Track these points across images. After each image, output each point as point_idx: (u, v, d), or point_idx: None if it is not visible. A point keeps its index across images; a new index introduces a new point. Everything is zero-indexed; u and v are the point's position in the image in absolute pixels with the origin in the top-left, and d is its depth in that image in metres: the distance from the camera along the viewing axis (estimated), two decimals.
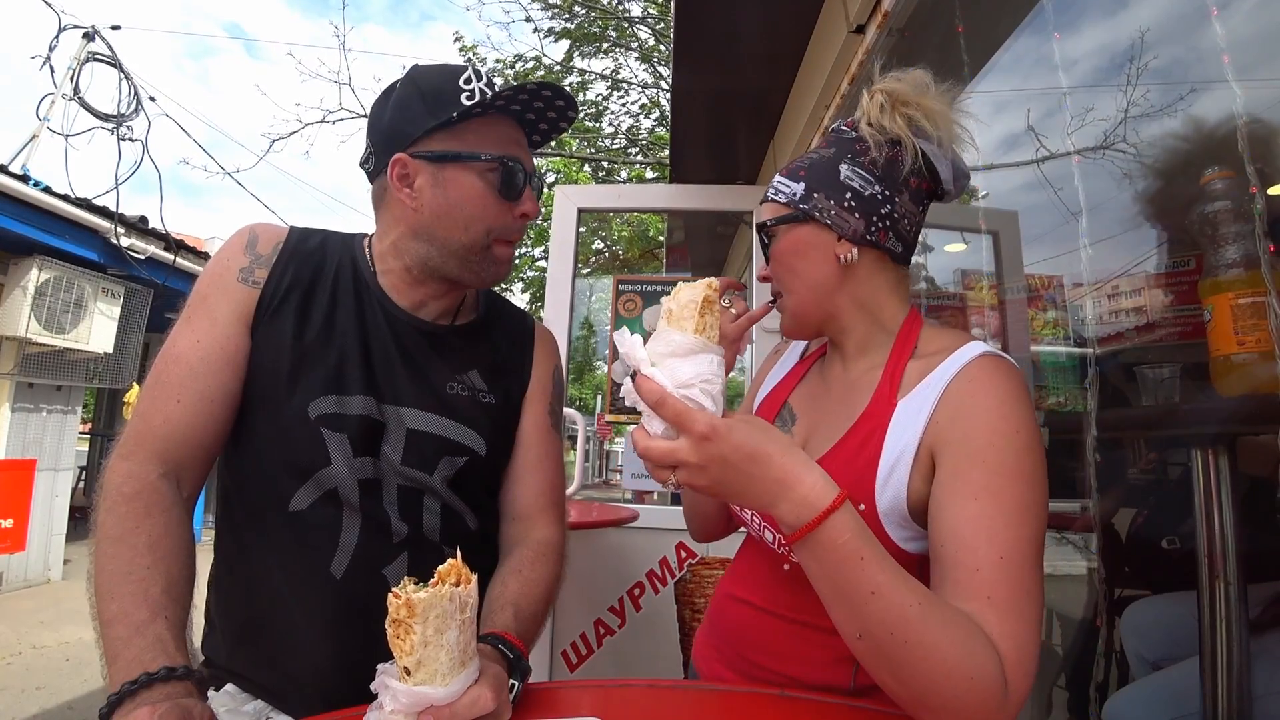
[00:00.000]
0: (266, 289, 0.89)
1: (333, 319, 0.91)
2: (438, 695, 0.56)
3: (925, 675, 0.57)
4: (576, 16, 9.30)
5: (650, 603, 2.29)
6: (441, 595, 0.55)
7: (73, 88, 6.13)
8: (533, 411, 1.03)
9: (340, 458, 0.85)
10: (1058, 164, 1.66)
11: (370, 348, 0.92)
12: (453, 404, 0.94)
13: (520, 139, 0.93)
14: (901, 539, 0.72)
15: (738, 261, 4.30)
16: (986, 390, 0.70)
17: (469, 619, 0.58)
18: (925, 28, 1.66)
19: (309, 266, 0.93)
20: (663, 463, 0.60)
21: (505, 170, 0.90)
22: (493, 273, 0.94)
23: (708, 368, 0.60)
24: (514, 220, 0.93)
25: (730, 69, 2.45)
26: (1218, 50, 0.89)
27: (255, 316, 0.88)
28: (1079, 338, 1.65)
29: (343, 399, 0.87)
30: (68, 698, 3.32)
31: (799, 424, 0.89)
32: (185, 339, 0.86)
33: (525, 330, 1.08)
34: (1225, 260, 0.93)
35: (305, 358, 0.88)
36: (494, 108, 0.89)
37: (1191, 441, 0.97)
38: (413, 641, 0.55)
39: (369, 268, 0.97)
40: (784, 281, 0.86)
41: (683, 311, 0.61)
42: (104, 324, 5.49)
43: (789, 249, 0.84)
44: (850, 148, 0.82)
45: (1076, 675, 1.55)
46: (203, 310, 0.87)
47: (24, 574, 5.35)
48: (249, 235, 0.93)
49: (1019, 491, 0.65)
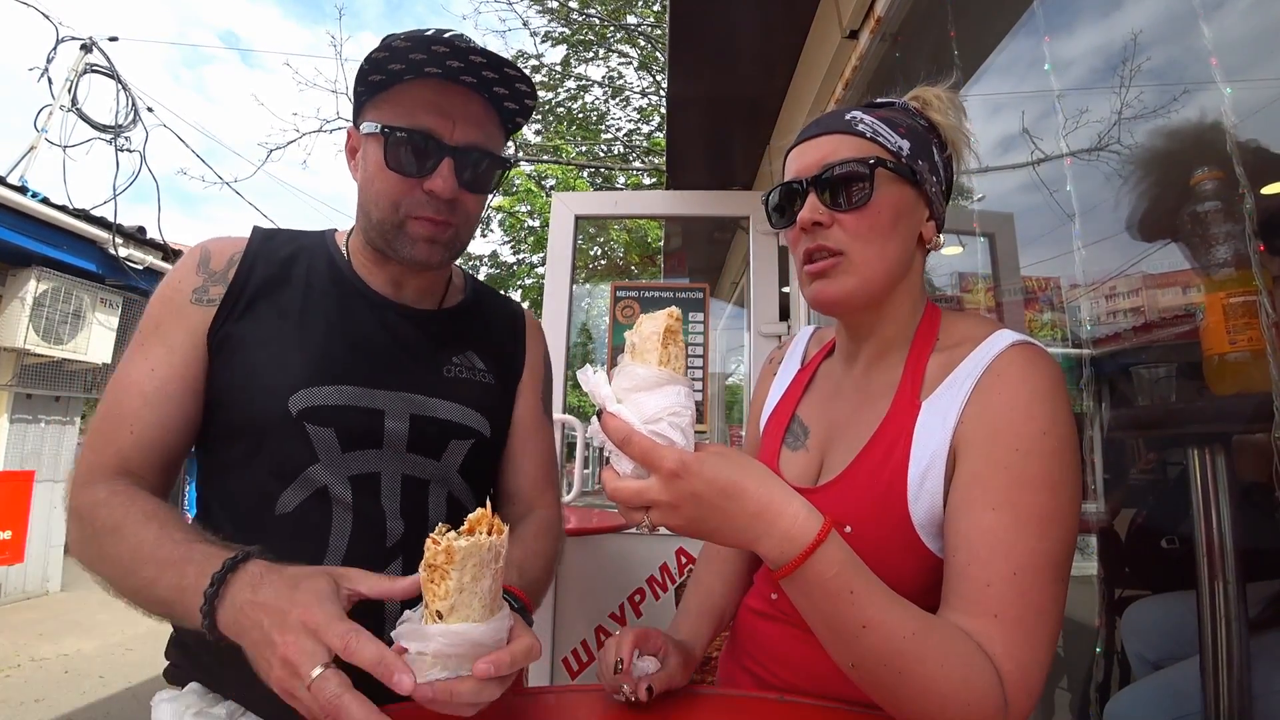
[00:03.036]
0: (227, 299, 0.86)
1: (308, 311, 0.88)
2: (477, 633, 0.56)
3: (920, 703, 0.56)
4: (573, 23, 9.35)
5: (651, 609, 2.28)
6: (481, 545, 0.55)
7: (70, 99, 6.15)
8: (526, 397, 1.02)
9: (326, 453, 0.82)
10: (1052, 166, 1.67)
11: (355, 336, 0.89)
12: (453, 386, 0.92)
13: (450, 106, 0.84)
14: (940, 550, 0.66)
15: (735, 267, 4.31)
16: (1015, 386, 0.65)
17: (500, 569, 0.58)
18: (918, 33, 1.68)
19: (275, 264, 0.90)
20: (633, 504, 0.57)
21: (404, 143, 0.83)
22: (413, 252, 0.86)
23: (675, 400, 0.57)
24: (422, 196, 0.84)
25: (725, 75, 2.46)
26: (1207, 51, 0.89)
27: (214, 329, 0.84)
28: (1076, 339, 1.66)
29: (327, 390, 0.83)
30: (66, 710, 3.30)
31: (812, 437, 0.82)
32: (139, 368, 0.82)
33: (516, 315, 1.07)
34: (1216, 260, 0.94)
35: (282, 353, 0.84)
36: (410, 74, 0.83)
37: (1188, 441, 0.98)
38: (448, 587, 0.55)
39: (344, 257, 0.94)
40: (866, 238, 0.73)
41: (645, 344, 0.58)
42: (102, 334, 5.50)
43: (893, 203, 0.73)
44: (932, 134, 0.78)
45: (1077, 676, 1.54)
46: (156, 337, 0.84)
47: (23, 586, 5.33)
48: (200, 253, 0.89)
49: (1042, 501, 0.60)
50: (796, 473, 0.81)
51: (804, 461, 0.82)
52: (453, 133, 0.84)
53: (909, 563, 0.68)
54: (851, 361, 0.83)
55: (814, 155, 0.76)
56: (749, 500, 0.56)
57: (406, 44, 0.79)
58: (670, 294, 2.63)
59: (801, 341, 0.97)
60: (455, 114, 0.84)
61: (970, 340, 0.71)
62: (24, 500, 5.14)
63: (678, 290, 2.66)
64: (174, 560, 0.66)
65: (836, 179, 0.73)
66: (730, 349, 5.21)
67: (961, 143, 0.80)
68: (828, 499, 0.73)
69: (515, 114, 0.91)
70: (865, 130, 0.74)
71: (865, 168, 0.72)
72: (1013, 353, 0.67)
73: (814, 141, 0.77)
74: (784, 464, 0.84)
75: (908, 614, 0.56)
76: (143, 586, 0.69)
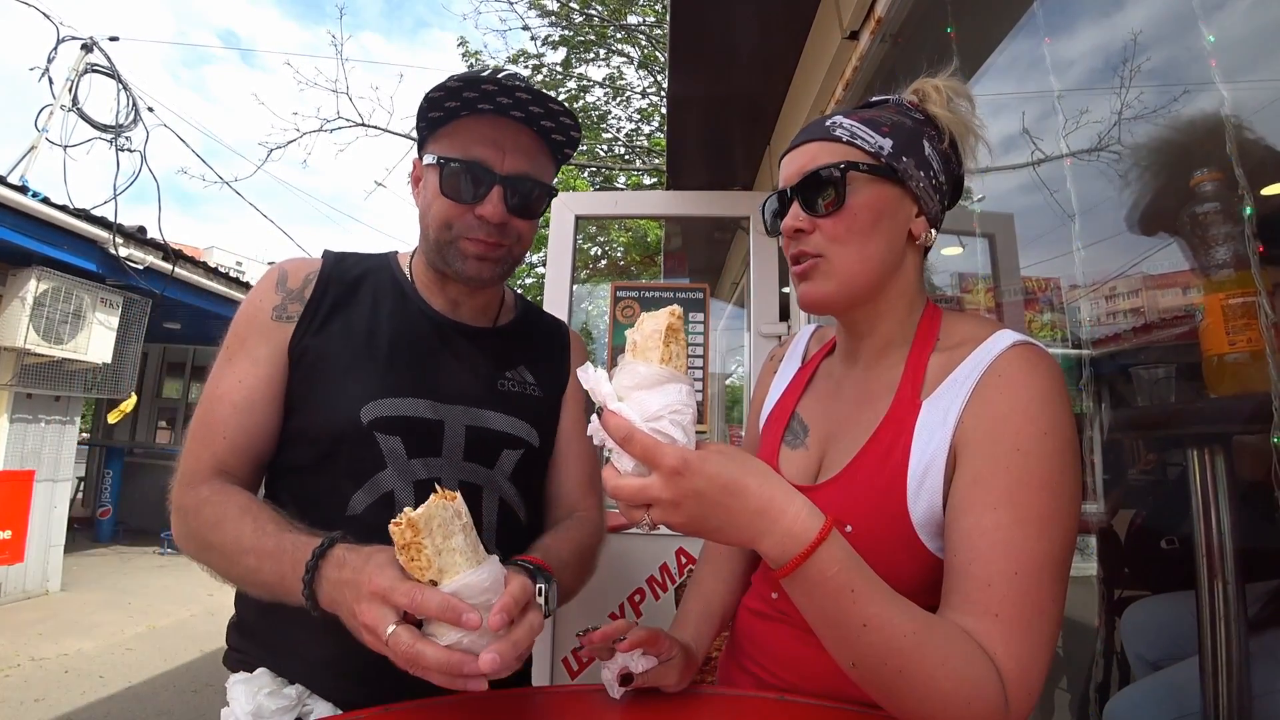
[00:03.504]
0: (305, 315, 0.94)
1: (377, 328, 0.96)
2: (476, 578, 0.60)
3: (920, 702, 0.56)
4: (574, 24, 9.36)
5: (651, 609, 2.29)
6: (435, 504, 0.60)
7: (71, 99, 6.16)
8: (571, 410, 1.09)
9: (394, 460, 0.89)
10: (1052, 166, 1.67)
11: (418, 351, 0.96)
12: (505, 399, 0.99)
13: (502, 139, 0.92)
14: (939, 549, 0.67)
15: (735, 267, 4.31)
16: (1016, 387, 0.65)
17: (467, 524, 0.62)
18: (918, 33, 1.67)
19: (346, 285, 0.98)
20: (634, 501, 0.57)
21: (458, 173, 0.91)
22: (465, 269, 0.94)
23: (677, 398, 0.57)
24: (473, 219, 0.92)
25: (725, 76, 2.47)
26: (1207, 52, 0.89)
27: (295, 343, 0.92)
28: (1076, 339, 1.66)
29: (395, 401, 0.90)
30: (66, 710, 3.30)
31: (812, 436, 0.83)
32: (228, 379, 0.90)
33: (561, 333, 1.14)
34: (1216, 261, 0.94)
35: (354, 367, 0.92)
36: (466, 110, 0.91)
37: (1188, 442, 0.98)
38: (427, 556, 0.59)
39: (407, 278, 1.02)
40: (844, 240, 0.75)
41: (647, 342, 0.58)
42: (102, 334, 5.49)
43: (869, 204, 0.74)
44: (928, 126, 0.78)
45: (1077, 676, 1.55)
46: (242, 352, 0.92)
47: (22, 585, 5.33)
48: (279, 273, 0.98)
49: (1043, 501, 0.61)
50: (796, 471, 0.81)
51: (803, 460, 0.82)
52: (503, 163, 0.91)
53: (907, 562, 0.68)
54: (852, 360, 0.83)
55: (796, 164, 0.78)
56: (751, 498, 0.56)
57: (459, 84, 0.87)
58: (670, 294, 2.63)
59: (802, 340, 0.97)
60: (506, 145, 0.92)
61: (971, 340, 0.71)
62: (24, 500, 5.14)
63: (678, 290, 2.65)
64: (271, 550, 0.75)
65: (811, 185, 0.76)
66: (730, 349, 5.21)
67: (963, 132, 0.79)
68: (827, 497, 0.73)
69: (563, 145, 0.99)
70: (843, 135, 0.76)
71: (837, 172, 0.74)
72: (1014, 353, 0.67)
73: (798, 150, 0.79)
74: (783, 462, 0.84)
75: (909, 613, 0.57)
76: (246, 574, 0.78)
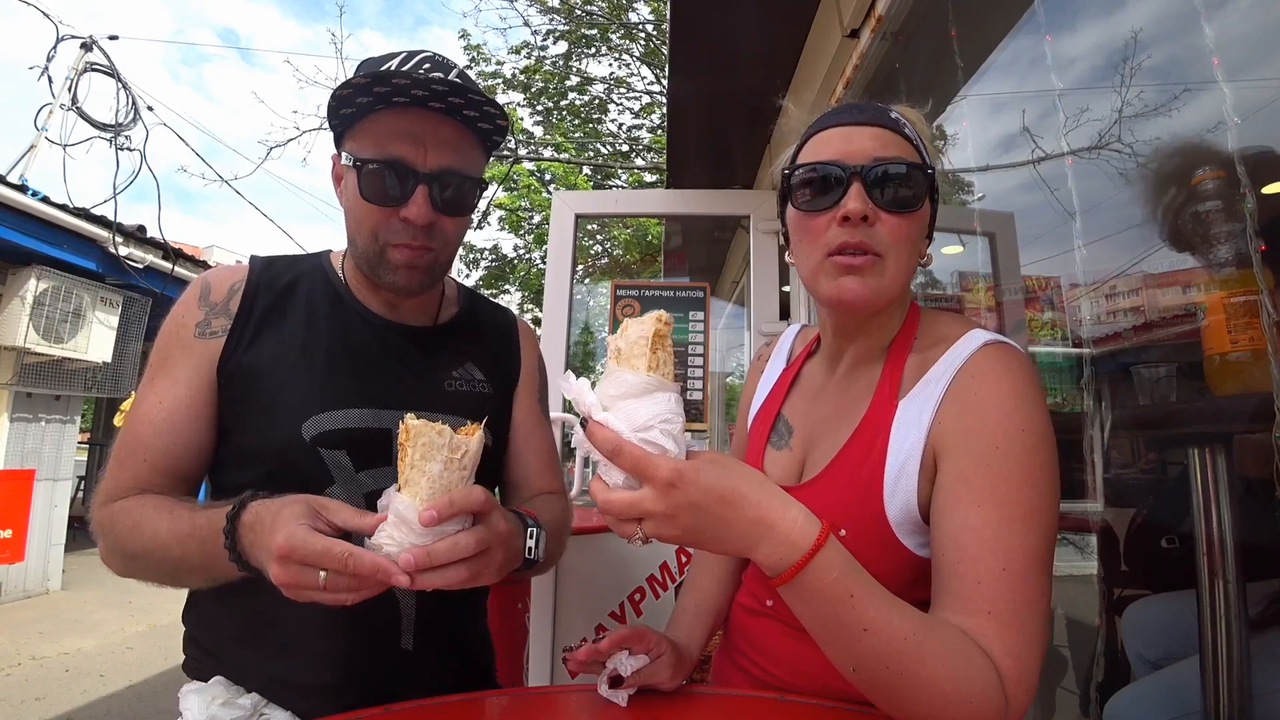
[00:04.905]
0: (234, 331, 0.88)
1: (313, 337, 0.90)
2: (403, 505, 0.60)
3: (922, 703, 0.56)
4: (575, 19, 9.35)
5: (651, 607, 2.28)
6: (430, 426, 0.60)
7: (71, 97, 6.15)
8: (524, 402, 1.06)
9: (340, 475, 0.86)
10: (1053, 165, 1.67)
11: (358, 358, 0.91)
12: (454, 400, 0.95)
13: (422, 133, 0.83)
14: (916, 545, 0.68)
15: (735, 266, 4.31)
16: (990, 385, 0.65)
17: (456, 461, 0.62)
18: (919, 31, 1.67)
19: (276, 292, 0.92)
20: (626, 516, 0.55)
21: (377, 174, 0.83)
22: (394, 279, 0.88)
23: (666, 406, 0.55)
24: (399, 223, 0.85)
25: (726, 74, 2.46)
26: (1209, 51, 0.89)
27: (224, 360, 0.87)
28: (1076, 338, 1.66)
29: (337, 415, 0.87)
30: (67, 708, 3.30)
31: (796, 436, 0.83)
32: (149, 400, 0.86)
33: (509, 324, 1.10)
34: (1218, 259, 0.94)
35: (291, 381, 0.87)
36: (380, 105, 0.83)
37: (1189, 441, 0.98)
38: (405, 463, 0.60)
39: (341, 280, 0.96)
40: (902, 243, 0.72)
41: (632, 349, 0.56)
42: (102, 333, 5.49)
43: (926, 213, 0.74)
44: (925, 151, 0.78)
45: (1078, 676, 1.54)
46: (163, 371, 0.87)
47: (23, 584, 5.33)
48: (202, 286, 0.92)
49: (1025, 497, 0.61)
50: (780, 472, 0.82)
51: (787, 460, 0.83)
52: (425, 159, 0.84)
53: (887, 560, 0.68)
54: (835, 361, 0.83)
55: (861, 144, 0.72)
56: (747, 507, 0.56)
57: (367, 79, 0.79)
58: (671, 293, 2.63)
59: (788, 339, 0.97)
60: (427, 139, 0.84)
61: (945, 340, 0.72)
62: (24, 499, 5.14)
63: (678, 289, 2.65)
64: (189, 532, 0.73)
65: (889, 177, 0.70)
66: (730, 349, 5.20)
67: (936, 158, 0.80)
68: (808, 497, 0.72)
69: (490, 133, 0.91)
70: (911, 135, 0.73)
71: (921, 173, 0.71)
72: (986, 352, 0.68)
73: (860, 130, 0.73)
74: (768, 463, 0.85)
75: (906, 615, 0.57)
76: (178, 565, 0.75)
